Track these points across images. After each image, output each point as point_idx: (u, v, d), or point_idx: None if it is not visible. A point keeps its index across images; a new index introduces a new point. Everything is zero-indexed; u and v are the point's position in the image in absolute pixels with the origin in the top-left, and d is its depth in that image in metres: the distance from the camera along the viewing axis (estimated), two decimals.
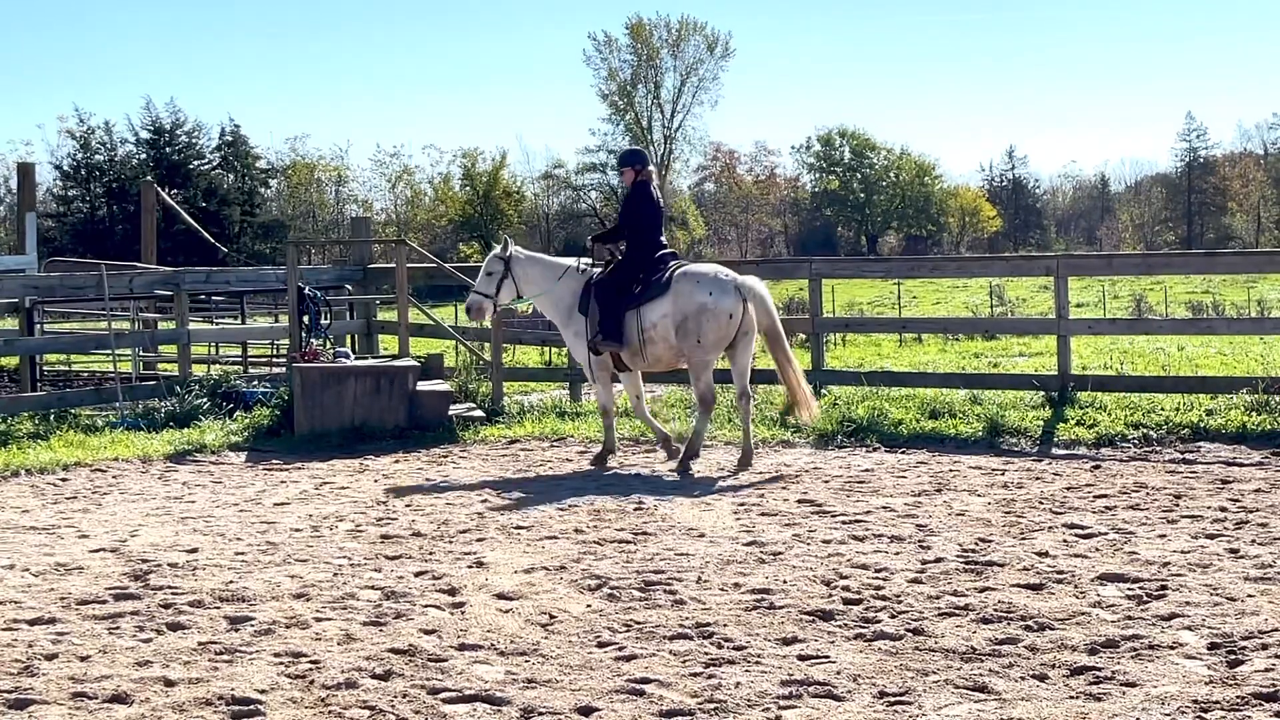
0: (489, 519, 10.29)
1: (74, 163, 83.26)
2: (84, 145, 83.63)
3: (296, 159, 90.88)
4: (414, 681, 6.27)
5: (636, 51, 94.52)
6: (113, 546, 9.46)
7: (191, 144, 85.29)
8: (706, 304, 12.62)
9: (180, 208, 26.96)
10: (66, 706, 5.99)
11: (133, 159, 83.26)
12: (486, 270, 13.43)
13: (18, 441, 14.36)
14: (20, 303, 18.33)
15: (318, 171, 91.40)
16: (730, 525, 9.86)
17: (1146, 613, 7.17)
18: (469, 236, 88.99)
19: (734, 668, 6.40)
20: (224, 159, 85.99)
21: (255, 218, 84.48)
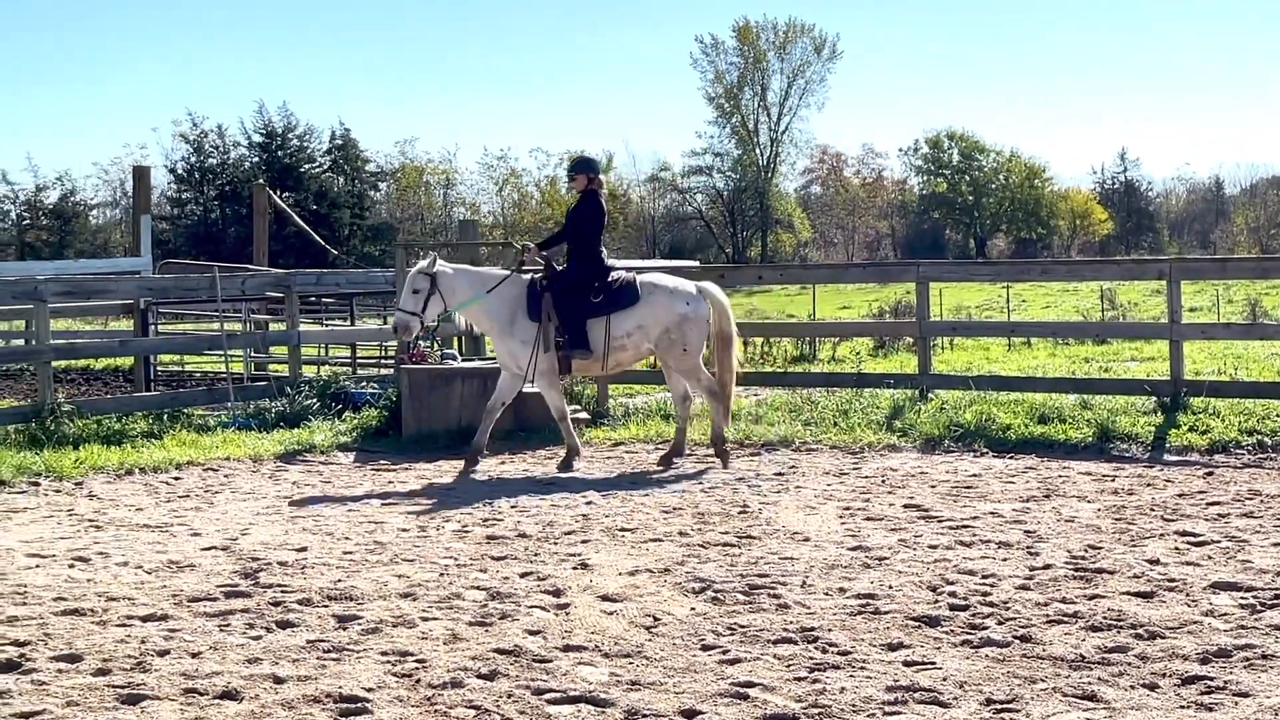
0: (594, 521, 10.32)
1: (188, 166, 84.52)
2: (198, 149, 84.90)
3: (405, 162, 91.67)
4: (519, 682, 6.30)
5: (743, 54, 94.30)
6: (224, 544, 9.60)
7: (303, 147, 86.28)
8: (688, 314, 13.30)
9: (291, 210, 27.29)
10: (178, 702, 6.08)
11: (245, 162, 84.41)
12: (413, 288, 13.19)
13: (132, 440, 14.60)
14: (135, 304, 18.67)
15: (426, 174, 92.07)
16: (835, 529, 9.81)
17: (1260, 622, 7.04)
18: None
19: (839, 673, 6.37)
20: (334, 162, 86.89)
21: (365, 220, 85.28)
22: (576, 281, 13.15)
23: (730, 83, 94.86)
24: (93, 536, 9.97)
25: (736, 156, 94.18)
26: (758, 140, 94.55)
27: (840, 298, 55.80)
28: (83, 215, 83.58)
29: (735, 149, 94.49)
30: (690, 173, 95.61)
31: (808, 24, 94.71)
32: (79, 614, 7.63)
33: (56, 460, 13.08)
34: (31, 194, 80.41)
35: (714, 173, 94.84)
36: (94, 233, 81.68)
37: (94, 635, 7.18)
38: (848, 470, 12.64)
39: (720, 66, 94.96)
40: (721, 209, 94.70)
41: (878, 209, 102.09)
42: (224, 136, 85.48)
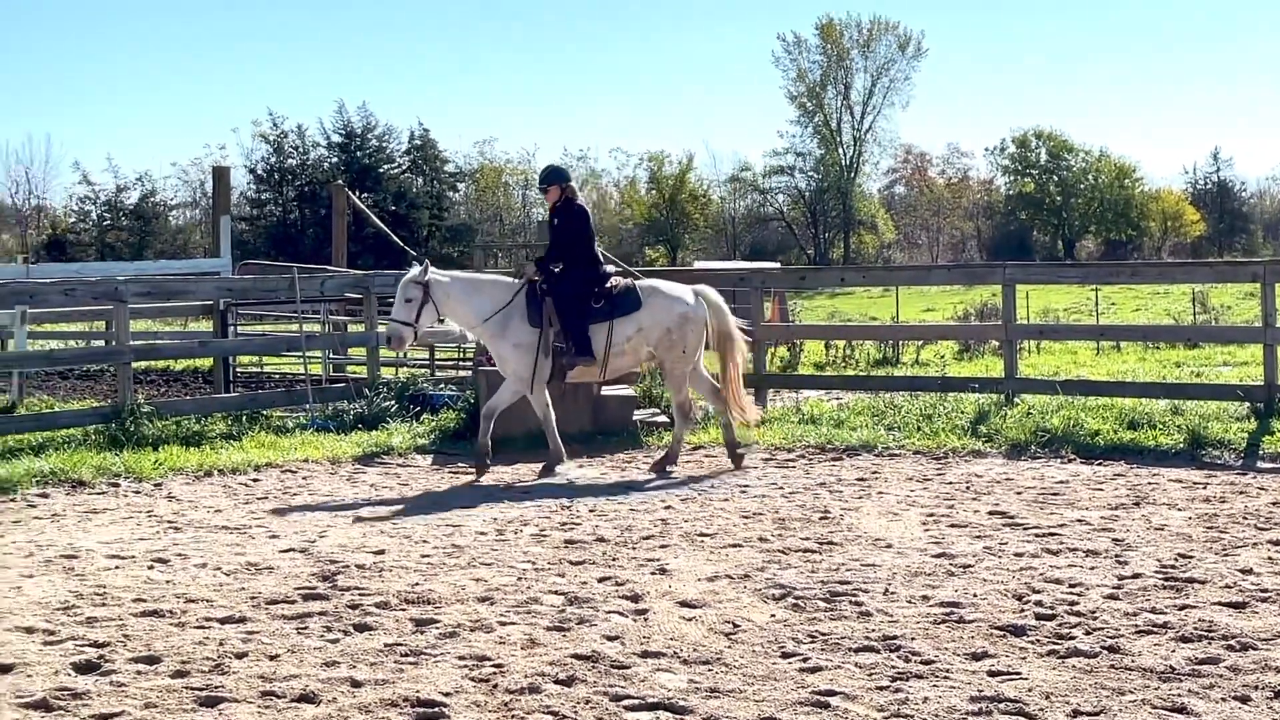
0: (672, 526, 10.33)
1: (267, 166, 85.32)
2: (277, 149, 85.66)
3: (484, 162, 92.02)
4: (596, 688, 6.31)
5: (826, 52, 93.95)
6: (302, 547, 9.69)
7: (382, 148, 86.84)
8: (688, 314, 13.47)
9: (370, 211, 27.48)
10: (256, 705, 6.15)
11: (324, 162, 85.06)
12: (405, 297, 13.14)
13: (211, 442, 14.76)
14: (215, 305, 18.86)
15: (505, 175, 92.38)
16: (919, 536, 9.76)
17: None
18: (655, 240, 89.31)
19: (922, 682, 6.34)
20: (413, 163, 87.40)
21: (443, 221, 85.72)
22: (578, 287, 13.22)
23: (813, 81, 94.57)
24: (172, 538, 10.10)
25: (819, 156, 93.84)
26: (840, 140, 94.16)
27: (924, 300, 55.45)
28: (162, 216, 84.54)
29: (818, 149, 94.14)
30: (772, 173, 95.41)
31: (892, 21, 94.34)
32: (158, 615, 7.72)
33: (136, 461, 13.25)
34: (112, 194, 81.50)
35: (796, 173, 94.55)
36: (174, 233, 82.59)
37: (172, 637, 7.27)
38: (931, 476, 12.58)
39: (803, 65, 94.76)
40: (803, 210, 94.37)
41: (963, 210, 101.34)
42: (304, 137, 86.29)
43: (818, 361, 26.41)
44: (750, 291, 18.80)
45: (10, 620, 7.61)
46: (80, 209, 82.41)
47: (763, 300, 19.19)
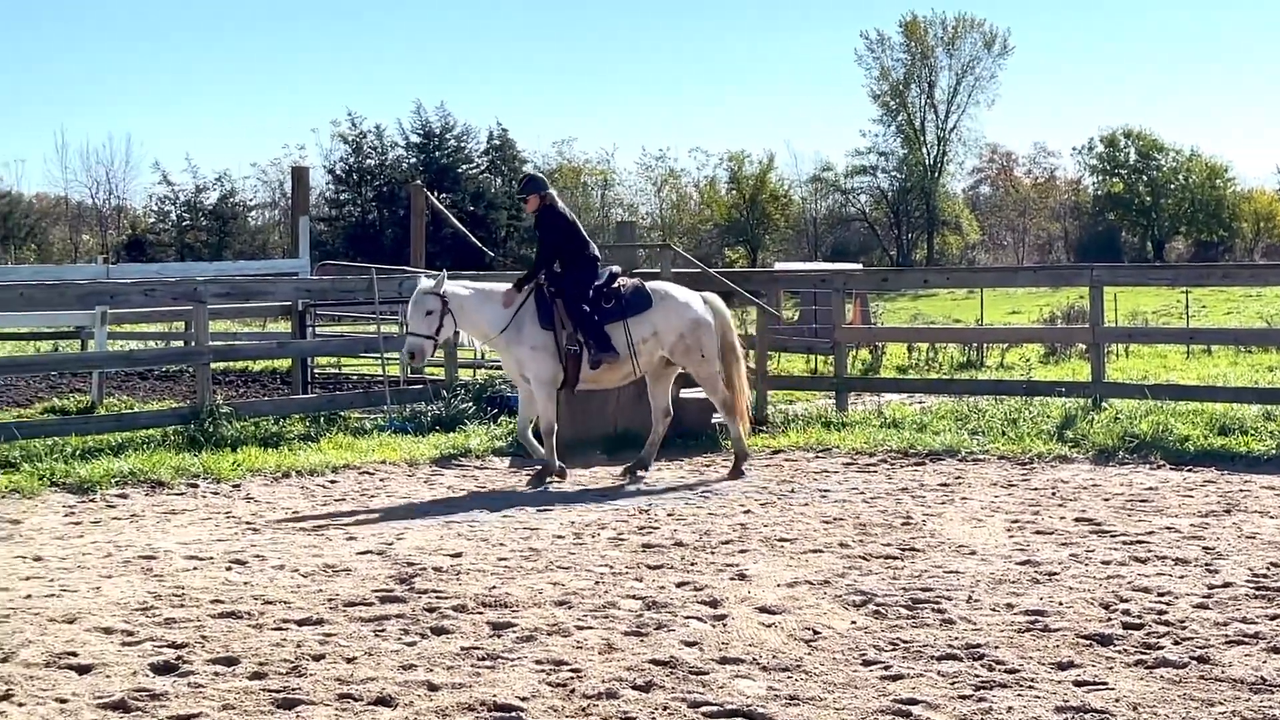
0: (751, 530, 10.31)
1: (346, 167, 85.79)
2: (356, 149, 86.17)
3: (563, 162, 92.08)
4: (674, 694, 6.31)
5: (910, 50, 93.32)
6: (379, 549, 9.75)
7: (460, 148, 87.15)
8: (700, 319, 13.51)
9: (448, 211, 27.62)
10: (333, 708, 6.19)
11: (403, 163, 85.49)
12: (424, 309, 12.90)
13: (289, 443, 14.89)
14: (293, 305, 19.03)
15: (584, 175, 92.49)
16: (1003, 543, 9.70)
17: None
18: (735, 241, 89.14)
19: (1005, 691, 6.29)
20: (492, 163, 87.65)
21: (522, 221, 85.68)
22: (584, 286, 13.18)
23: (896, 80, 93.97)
24: (250, 539, 10.19)
25: (902, 156, 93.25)
26: (924, 139, 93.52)
27: (1009, 302, 55.00)
28: (241, 216, 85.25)
29: (901, 148, 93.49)
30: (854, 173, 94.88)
31: (978, 19, 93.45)
32: (236, 617, 7.80)
33: (215, 462, 13.39)
34: (191, 195, 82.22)
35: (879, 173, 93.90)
36: (253, 233, 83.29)
37: (250, 638, 7.34)
38: (1016, 482, 12.49)
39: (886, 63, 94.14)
40: (886, 210, 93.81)
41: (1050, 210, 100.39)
42: (382, 137, 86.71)
43: (900, 364, 26.31)
44: (832, 293, 18.76)
45: (89, 620, 7.71)
46: (160, 209, 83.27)
47: (844, 302, 19.14)
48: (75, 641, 7.25)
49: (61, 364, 19.79)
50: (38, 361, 19.86)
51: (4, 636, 7.34)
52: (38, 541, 10.17)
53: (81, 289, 16.69)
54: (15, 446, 13.66)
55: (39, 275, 24.06)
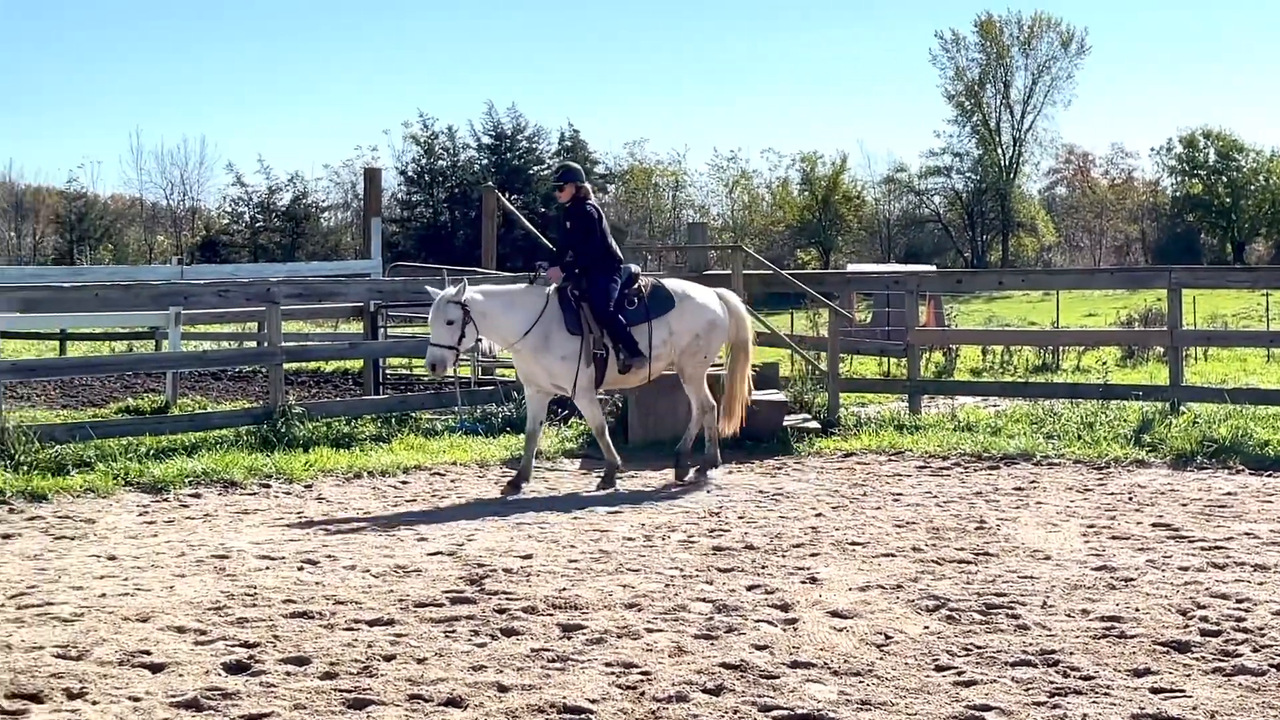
0: (823, 534, 10.28)
1: (418, 168, 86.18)
2: (428, 150, 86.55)
3: (634, 164, 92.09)
4: (745, 698, 6.30)
5: (985, 49, 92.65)
6: (450, 550, 9.80)
7: (531, 149, 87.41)
8: (716, 321, 13.46)
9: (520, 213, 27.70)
10: (403, 708, 6.22)
11: (474, 164, 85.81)
12: (446, 318, 12.42)
13: (361, 444, 14.98)
14: (365, 306, 19.13)
15: (655, 176, 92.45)
16: (1078, 548, 9.62)
17: None
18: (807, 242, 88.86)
19: (1080, 698, 6.25)
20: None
21: None
22: (610, 289, 12.93)
23: (971, 80, 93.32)
24: (321, 539, 10.26)
25: (977, 156, 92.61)
26: (999, 140, 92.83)
27: (1086, 305, 54.55)
28: (314, 217, 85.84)
29: (976, 149, 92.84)
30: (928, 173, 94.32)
31: (1054, 18, 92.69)
32: (307, 617, 7.86)
33: (287, 462, 13.49)
34: (264, 196, 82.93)
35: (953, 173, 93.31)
36: (325, 234, 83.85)
37: (322, 638, 7.39)
38: (1092, 486, 12.40)
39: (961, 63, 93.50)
40: (960, 211, 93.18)
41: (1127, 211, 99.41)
42: (454, 138, 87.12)
43: (974, 367, 26.16)
44: (905, 295, 18.68)
45: (162, 619, 7.79)
46: (233, 210, 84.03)
47: (918, 304, 19.06)
48: (148, 640, 7.33)
49: (136, 364, 20.02)
50: (113, 362, 20.09)
51: (79, 635, 7.43)
52: (112, 540, 10.28)
53: (156, 290, 16.86)
54: (90, 446, 13.82)
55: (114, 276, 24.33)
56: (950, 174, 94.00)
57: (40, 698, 6.36)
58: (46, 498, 11.98)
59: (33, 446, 13.29)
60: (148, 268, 37.96)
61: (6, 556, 9.71)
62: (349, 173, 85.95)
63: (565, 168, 13.67)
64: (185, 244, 79.03)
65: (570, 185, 13.27)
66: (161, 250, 78.84)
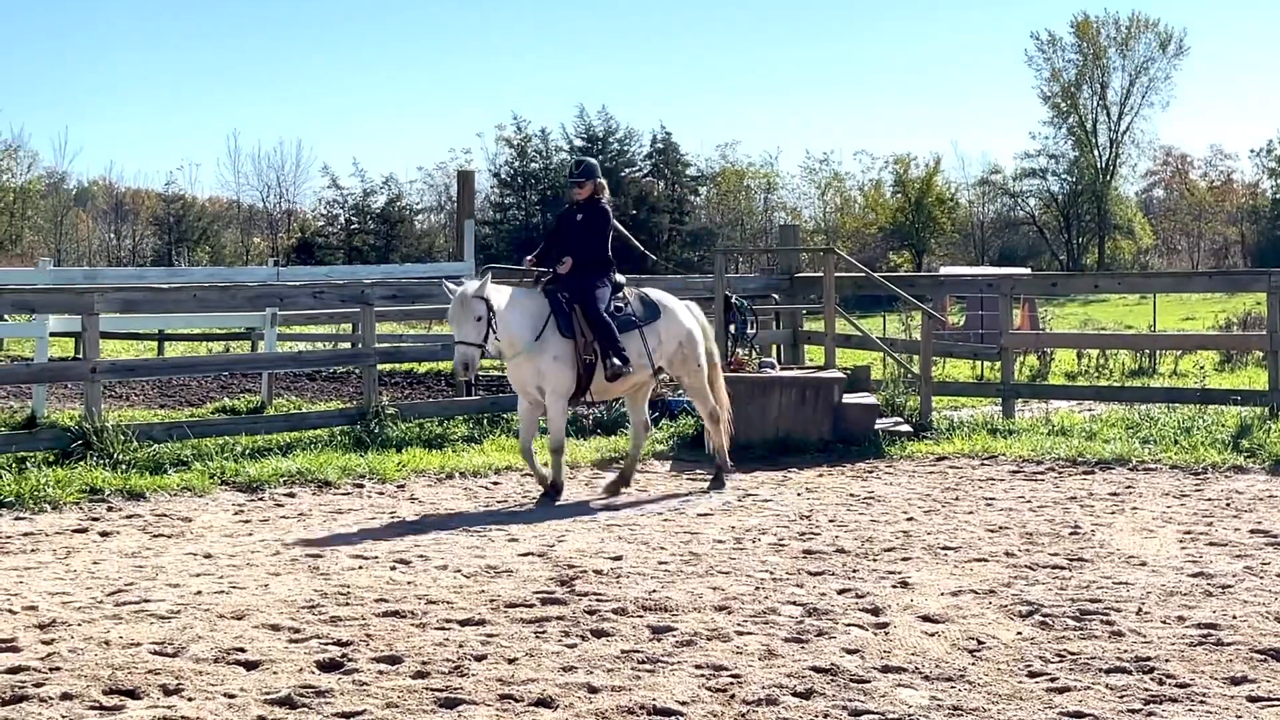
0: (915, 538, 10.22)
1: (511, 171, 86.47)
2: (520, 153, 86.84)
3: (726, 166, 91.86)
4: (835, 701, 6.28)
5: (1082, 50, 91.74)
6: (540, 551, 9.83)
7: (623, 152, 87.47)
8: (693, 328, 13.11)
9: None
10: (494, 708, 6.25)
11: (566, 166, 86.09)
12: (474, 314, 11.85)
13: (453, 444, 15.07)
14: None
15: (747, 179, 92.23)
16: (1175, 554, 9.51)
17: None
18: (899, 245, 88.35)
19: (1176, 706, 6.17)
20: (654, 166, 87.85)
21: (684, 225, 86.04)
22: (602, 294, 12.54)
23: (1067, 81, 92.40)
24: (413, 539, 10.33)
25: (1073, 158, 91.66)
26: (1096, 141, 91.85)
27: (1183, 308, 53.89)
28: (408, 220, 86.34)
29: (1072, 150, 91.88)
30: (1023, 175, 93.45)
31: (1152, 18, 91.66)
32: (399, 616, 7.91)
33: (380, 463, 13.60)
34: (359, 198, 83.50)
35: (1048, 175, 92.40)
36: (418, 237, 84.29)
37: (413, 638, 7.44)
38: (1189, 492, 12.24)
39: (1057, 64, 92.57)
40: (1056, 214, 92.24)
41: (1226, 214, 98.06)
42: (546, 141, 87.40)
43: (1069, 371, 25.92)
44: (999, 298, 18.55)
45: (257, 617, 7.87)
46: (328, 213, 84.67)
47: (1012, 307, 18.91)
48: (243, 638, 7.41)
49: (232, 365, 20.26)
50: (210, 362, 20.34)
51: (175, 632, 7.53)
52: (208, 539, 10.41)
53: (252, 291, 17.06)
54: (187, 445, 14.00)
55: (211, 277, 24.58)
56: (1046, 176, 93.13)
57: (137, 693, 6.45)
58: (144, 496, 12.16)
59: (131, 445, 13.49)
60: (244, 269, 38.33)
61: (105, 554, 9.87)
62: (443, 175, 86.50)
63: (585, 163, 13.33)
64: (281, 246, 79.81)
65: (590, 182, 12.93)
66: (258, 252, 79.66)
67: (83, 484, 12.25)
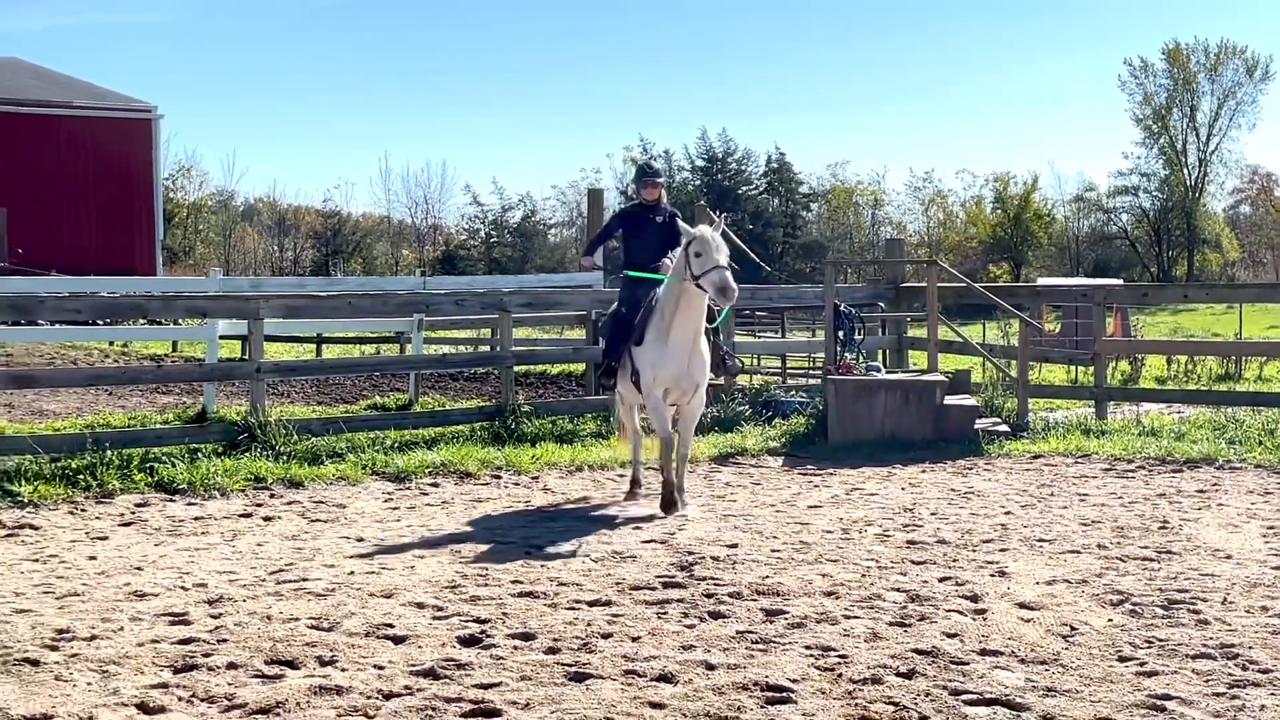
0: (1011, 530, 10.11)
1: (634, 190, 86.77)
2: None
3: (836, 184, 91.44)
4: (936, 682, 6.23)
5: (1173, 76, 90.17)
6: (662, 538, 9.84)
7: (740, 171, 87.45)
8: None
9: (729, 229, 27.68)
10: (619, 682, 6.27)
11: (688, 185, 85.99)
12: (725, 250, 10.89)
13: (582, 440, 15.13)
14: (587, 315, 19.32)
15: (856, 196, 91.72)
16: (1258, 548, 9.31)
17: None
18: (998, 257, 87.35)
19: (1259, 690, 6.05)
20: (769, 184, 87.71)
21: (796, 239, 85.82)
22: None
23: (1159, 104, 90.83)
24: (546, 526, 10.39)
25: (1164, 177, 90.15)
26: (1185, 160, 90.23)
27: (1268, 318, 52.77)
28: (542, 233, 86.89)
29: (1163, 169, 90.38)
30: (1116, 193, 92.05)
31: (1239, 45, 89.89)
32: (533, 596, 7.96)
33: (516, 456, 13.68)
34: (498, 214, 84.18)
35: (1140, 193, 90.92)
36: (551, 249, 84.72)
37: (546, 616, 7.48)
38: (1273, 490, 11.98)
39: (1149, 89, 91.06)
40: (1147, 229, 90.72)
41: None
42: (670, 161, 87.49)
43: (1159, 375, 25.48)
44: (1093, 307, 18.29)
45: (404, 596, 7.96)
46: (470, 227, 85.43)
47: (1105, 315, 18.62)
48: (392, 614, 7.50)
49: (383, 365, 20.44)
50: (363, 363, 20.57)
51: (330, 609, 7.63)
52: (360, 524, 10.54)
53: (401, 299, 17.25)
54: (342, 439, 14.18)
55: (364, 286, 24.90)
56: (1138, 193, 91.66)
57: (296, 664, 6.55)
58: (303, 484, 12.34)
59: (291, 438, 13.70)
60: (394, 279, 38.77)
61: (268, 537, 10.03)
62: (574, 193, 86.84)
63: (655, 168, 12.61)
64: (427, 258, 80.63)
65: (661, 187, 12.27)
66: (406, 263, 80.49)
67: (248, 473, 12.46)
